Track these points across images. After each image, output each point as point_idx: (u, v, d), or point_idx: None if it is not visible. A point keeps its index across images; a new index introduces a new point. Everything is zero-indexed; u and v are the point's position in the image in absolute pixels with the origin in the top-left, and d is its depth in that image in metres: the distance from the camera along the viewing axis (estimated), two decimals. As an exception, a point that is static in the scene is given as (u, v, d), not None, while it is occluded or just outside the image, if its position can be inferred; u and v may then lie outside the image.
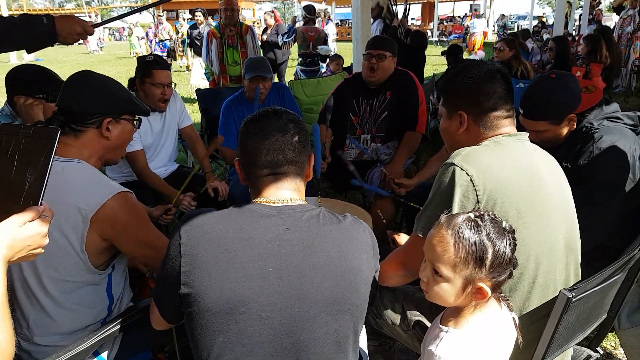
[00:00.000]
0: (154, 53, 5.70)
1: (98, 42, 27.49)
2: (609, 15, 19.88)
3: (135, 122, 1.75)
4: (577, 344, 1.64)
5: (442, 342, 1.18)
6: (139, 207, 1.60)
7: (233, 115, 3.32)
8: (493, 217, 1.18)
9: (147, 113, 1.82)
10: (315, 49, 7.36)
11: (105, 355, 1.52)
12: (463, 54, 6.93)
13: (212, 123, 4.16)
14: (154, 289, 1.30)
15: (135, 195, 1.62)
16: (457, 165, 1.34)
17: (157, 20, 14.88)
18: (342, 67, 6.63)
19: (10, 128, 0.93)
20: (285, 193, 1.25)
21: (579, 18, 15.91)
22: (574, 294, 1.26)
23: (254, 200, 1.25)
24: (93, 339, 1.33)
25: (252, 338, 1.12)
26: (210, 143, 3.30)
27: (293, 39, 7.47)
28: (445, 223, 1.17)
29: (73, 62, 20.36)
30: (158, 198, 2.71)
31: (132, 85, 2.90)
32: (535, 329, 1.37)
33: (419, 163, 3.53)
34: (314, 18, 7.97)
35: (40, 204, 0.90)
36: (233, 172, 3.42)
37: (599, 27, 10.40)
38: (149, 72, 2.80)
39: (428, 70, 10.32)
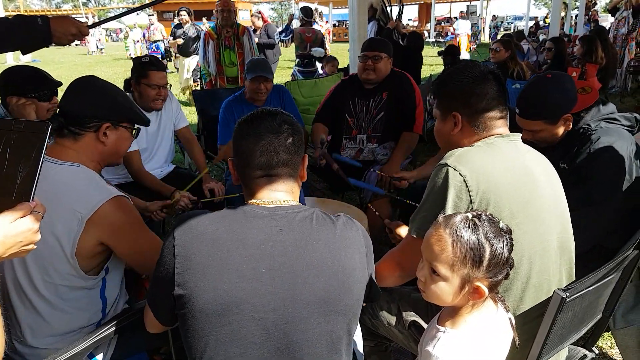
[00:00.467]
0: (150, 54, 5.68)
1: (98, 43, 27.45)
2: (605, 16, 19.96)
3: (134, 131, 1.76)
4: (572, 344, 1.64)
5: (439, 342, 1.18)
6: (135, 211, 1.61)
7: (233, 116, 3.32)
8: (490, 217, 1.18)
9: (146, 123, 1.83)
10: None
11: (101, 357, 1.52)
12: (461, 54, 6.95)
13: (209, 124, 4.16)
14: (148, 292, 1.29)
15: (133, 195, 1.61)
16: (450, 166, 1.35)
17: (148, 21, 14.77)
18: (337, 68, 6.63)
19: (2, 123, 0.92)
20: (279, 195, 1.26)
21: (574, 17, 15.94)
22: (568, 294, 1.26)
23: (248, 202, 1.25)
24: (88, 341, 1.32)
25: (245, 339, 1.12)
26: (218, 154, 3.32)
27: (290, 39, 7.47)
28: (443, 222, 1.18)
29: (70, 63, 20.31)
30: (154, 198, 2.70)
31: (127, 86, 2.90)
32: (530, 329, 1.37)
33: (416, 163, 3.54)
34: (311, 20, 7.98)
35: (32, 200, 0.89)
36: (229, 173, 3.42)
37: (596, 27, 10.43)
38: (145, 73, 2.81)
39: (425, 71, 10.31)
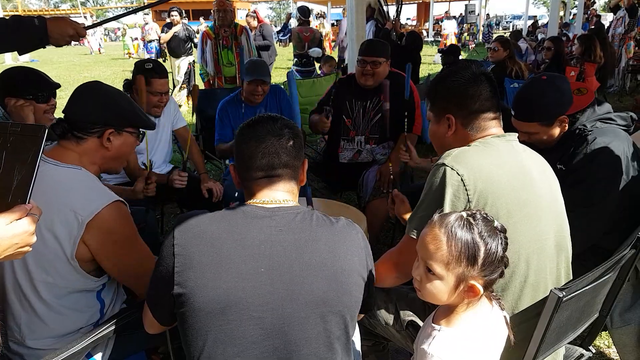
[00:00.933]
0: (152, 59, 5.64)
1: (100, 42, 27.44)
2: (605, 15, 19.97)
3: (140, 135, 1.76)
4: (569, 343, 1.65)
5: (434, 340, 1.19)
6: (131, 220, 1.60)
7: (228, 117, 3.33)
8: (485, 216, 1.19)
9: (152, 127, 1.83)
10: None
11: (99, 357, 1.52)
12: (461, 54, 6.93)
13: (207, 124, 4.16)
14: (147, 292, 1.30)
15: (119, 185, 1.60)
16: (447, 166, 1.36)
17: (143, 21, 14.69)
18: (334, 68, 6.64)
19: None
20: (279, 194, 1.26)
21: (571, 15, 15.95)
22: (565, 294, 1.26)
23: (248, 202, 1.26)
24: (86, 341, 1.33)
25: (243, 338, 1.13)
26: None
27: (288, 38, 7.47)
28: (438, 222, 1.18)
29: (68, 63, 20.28)
30: (150, 199, 2.70)
31: (127, 88, 2.90)
32: (527, 328, 1.37)
33: (414, 164, 3.54)
34: (309, 20, 7.98)
35: (28, 202, 0.90)
36: (228, 172, 3.43)
37: (596, 24, 10.42)
38: (148, 80, 2.81)
39: (423, 71, 10.34)
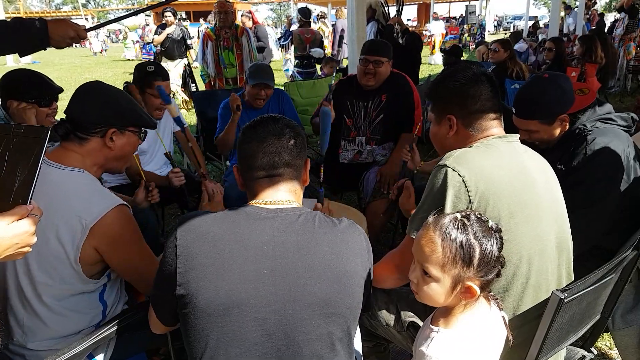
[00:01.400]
0: (154, 61, 5.63)
1: (103, 44, 27.47)
2: (606, 15, 19.95)
3: (142, 134, 1.76)
4: (571, 344, 1.64)
5: (432, 342, 1.19)
6: (135, 223, 1.61)
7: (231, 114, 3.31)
8: (479, 216, 1.20)
9: (153, 126, 1.84)
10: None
11: (101, 358, 1.53)
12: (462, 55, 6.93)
13: (207, 125, 4.16)
14: (151, 293, 1.30)
15: (132, 196, 1.60)
16: (449, 167, 1.36)
17: (144, 22, 14.71)
18: (336, 69, 6.64)
19: (1, 128, 0.94)
20: (281, 195, 1.27)
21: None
22: (566, 295, 1.26)
23: (250, 203, 1.26)
24: (88, 342, 1.33)
25: (246, 339, 1.13)
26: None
27: (290, 42, 7.47)
28: (433, 224, 1.19)
29: (69, 64, 20.31)
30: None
31: (127, 90, 2.90)
32: (528, 330, 1.37)
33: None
34: (310, 21, 7.98)
35: (29, 203, 0.90)
36: (228, 173, 3.42)
37: (599, 23, 10.40)
38: (150, 83, 2.82)
39: (424, 71, 10.35)
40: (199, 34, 9.92)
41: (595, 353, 1.75)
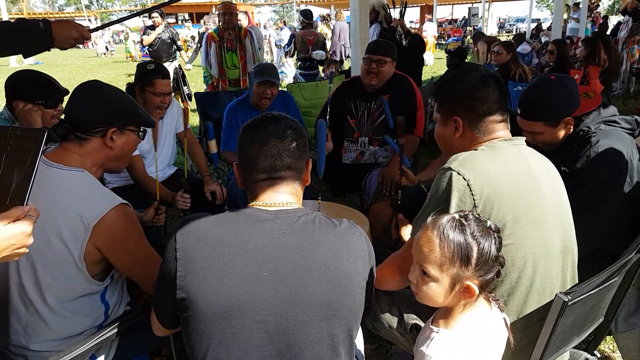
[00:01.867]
0: (154, 60, 5.62)
1: (108, 45, 27.51)
2: (609, 17, 19.92)
3: (140, 133, 1.76)
4: (574, 347, 1.64)
5: (432, 342, 1.19)
6: (136, 221, 1.61)
7: (237, 121, 3.32)
8: (477, 217, 1.20)
9: (152, 124, 1.83)
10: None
11: (102, 359, 1.52)
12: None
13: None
14: (153, 296, 1.30)
15: (133, 199, 1.62)
16: (454, 170, 1.35)
17: (143, 24, 14.70)
18: (339, 71, 6.64)
19: None
20: (282, 197, 1.26)
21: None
22: (570, 298, 1.26)
23: (250, 204, 1.26)
24: (90, 343, 1.33)
25: (247, 342, 1.13)
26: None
27: (293, 46, 7.46)
28: (431, 224, 1.20)
29: (72, 65, 20.36)
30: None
31: (130, 91, 2.91)
32: (532, 333, 1.37)
33: (417, 166, 3.54)
34: (312, 22, 7.98)
35: (26, 204, 0.91)
36: (232, 173, 3.43)
37: (601, 26, 10.37)
38: (150, 81, 2.82)
39: (426, 74, 10.33)
40: (200, 36, 9.89)
41: (599, 356, 1.74)
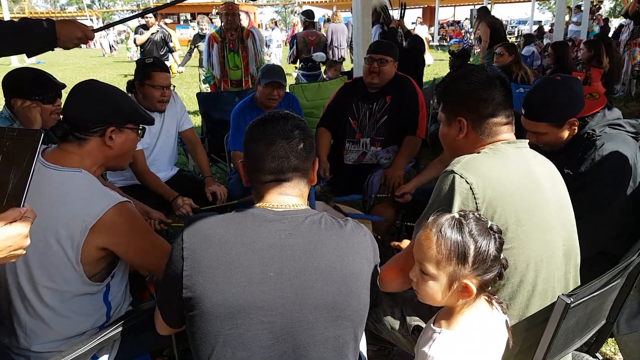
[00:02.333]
0: (153, 55, 5.63)
1: (114, 44, 27.51)
2: (611, 20, 19.93)
3: (140, 131, 1.76)
4: (576, 350, 1.64)
5: (434, 343, 1.19)
6: (138, 216, 1.61)
7: (246, 122, 3.31)
8: (477, 216, 1.20)
9: (151, 122, 1.83)
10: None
11: (105, 359, 1.52)
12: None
13: (212, 126, 4.17)
14: (157, 294, 1.30)
15: (136, 198, 1.61)
16: (457, 173, 1.35)
17: (138, 23, 14.71)
18: (340, 72, 6.64)
19: None
20: (288, 199, 1.26)
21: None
22: (572, 300, 1.26)
23: (257, 205, 1.26)
24: (92, 343, 1.33)
25: (252, 342, 1.13)
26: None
27: (295, 48, 7.46)
28: (431, 223, 1.20)
29: (74, 65, 20.36)
30: (158, 201, 2.71)
31: (130, 88, 2.92)
32: (534, 335, 1.37)
33: (419, 167, 3.54)
34: (314, 21, 7.98)
35: (23, 206, 0.90)
36: (233, 173, 3.43)
37: (603, 29, 10.36)
38: (149, 74, 2.82)
39: (428, 75, 10.34)
40: (194, 37, 9.91)
41: (600, 358, 1.74)
